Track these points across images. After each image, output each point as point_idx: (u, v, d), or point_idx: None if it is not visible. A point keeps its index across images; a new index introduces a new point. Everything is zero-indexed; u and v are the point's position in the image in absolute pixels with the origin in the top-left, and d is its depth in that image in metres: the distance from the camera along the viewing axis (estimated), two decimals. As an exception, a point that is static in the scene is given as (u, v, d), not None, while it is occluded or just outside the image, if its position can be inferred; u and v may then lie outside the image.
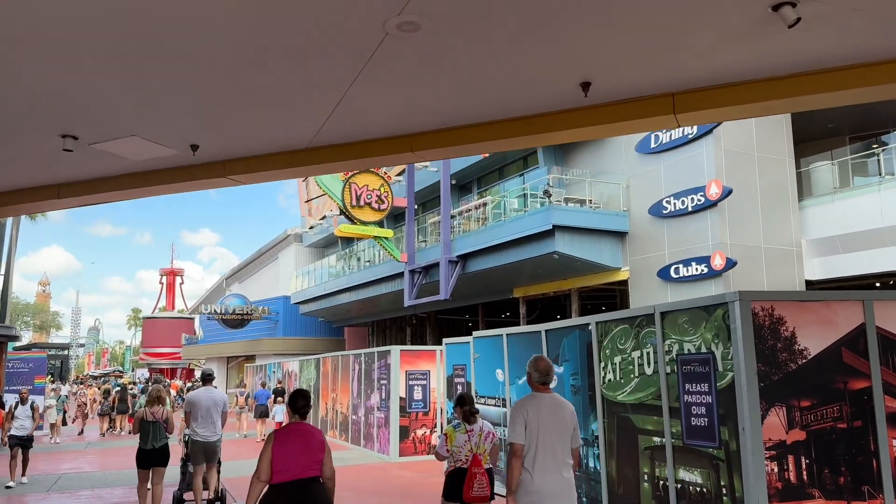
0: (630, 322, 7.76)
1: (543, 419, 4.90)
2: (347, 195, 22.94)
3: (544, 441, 4.86)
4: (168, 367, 57.96)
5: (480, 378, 11.25)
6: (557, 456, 4.89)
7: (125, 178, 7.89)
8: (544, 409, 4.95)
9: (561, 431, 4.96)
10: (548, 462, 4.84)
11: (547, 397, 5.05)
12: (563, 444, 4.96)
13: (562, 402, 5.14)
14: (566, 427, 5.01)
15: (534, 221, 18.06)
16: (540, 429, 4.87)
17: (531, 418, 4.88)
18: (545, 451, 4.85)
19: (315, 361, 22.27)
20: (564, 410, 5.06)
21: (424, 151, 6.62)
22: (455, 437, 6.39)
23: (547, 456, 4.84)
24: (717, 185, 16.01)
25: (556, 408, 5.00)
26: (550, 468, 4.84)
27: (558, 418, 4.97)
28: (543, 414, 4.91)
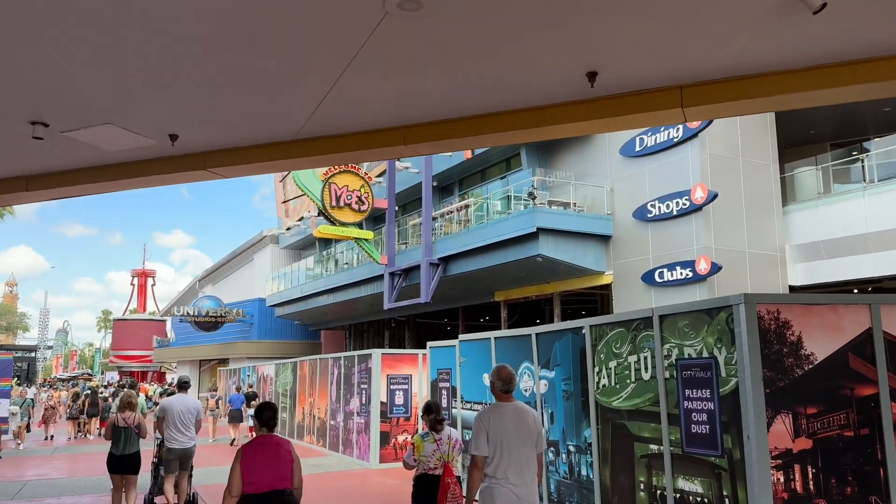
0: (626, 325, 7.51)
1: (506, 428, 4.97)
2: (327, 195, 22.54)
3: (508, 449, 4.94)
4: (139, 369, 56.85)
5: (466, 383, 10.95)
6: (521, 464, 4.96)
7: (99, 171, 7.47)
8: (507, 417, 5.02)
9: (524, 439, 5.03)
10: (511, 470, 4.91)
11: (509, 406, 5.13)
12: (526, 451, 5.02)
13: (524, 409, 5.21)
14: (530, 434, 5.07)
15: (518, 224, 17.82)
16: (503, 438, 4.94)
17: (493, 428, 4.97)
18: (509, 460, 4.93)
19: (292, 365, 21.80)
20: (527, 417, 5.11)
21: (418, 145, 6.31)
22: (423, 446, 6.38)
23: (511, 464, 4.92)
24: (702, 189, 15.90)
25: (518, 416, 5.07)
26: (513, 476, 4.91)
27: (521, 426, 5.03)
28: (506, 423, 4.99)
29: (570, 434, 8.38)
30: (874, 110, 19.12)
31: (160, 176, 7.21)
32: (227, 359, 40.69)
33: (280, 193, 38.13)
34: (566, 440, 8.46)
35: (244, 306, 39.89)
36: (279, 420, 22.70)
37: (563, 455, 8.51)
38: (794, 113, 18.27)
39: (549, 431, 8.80)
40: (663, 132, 16.94)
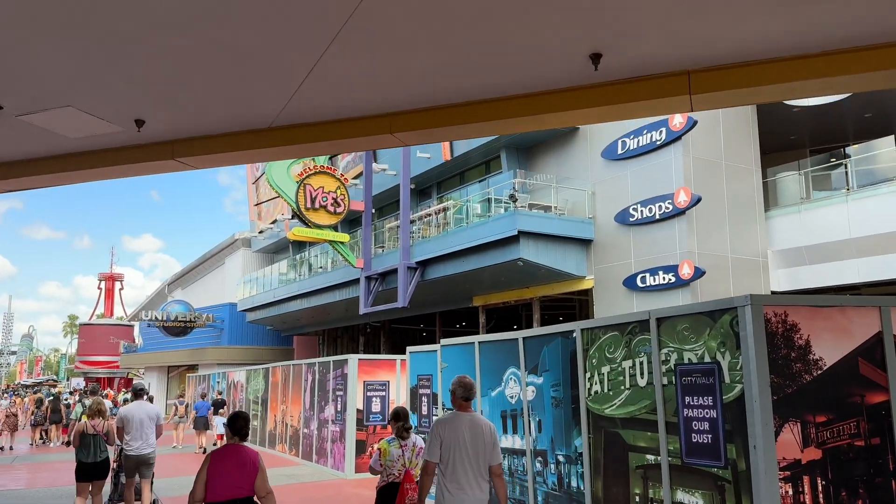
0: (621, 329, 7.15)
1: (461, 437, 5.12)
2: (302, 197, 21.97)
3: (461, 458, 5.09)
4: (105, 375, 55.37)
5: (448, 389, 10.50)
6: (474, 472, 5.11)
7: (60, 160, 6.93)
8: (462, 427, 5.18)
9: (478, 449, 5.17)
10: (464, 478, 5.06)
11: (466, 416, 5.31)
12: (479, 461, 5.16)
13: (480, 420, 5.38)
14: (484, 445, 5.21)
15: (498, 227, 17.45)
16: (457, 447, 5.10)
17: (448, 437, 5.13)
18: (462, 468, 5.07)
19: (263, 371, 21.18)
20: (482, 428, 5.27)
21: (405, 133, 5.89)
22: (389, 452, 6.54)
23: (466, 472, 5.07)
24: (685, 192, 15.68)
25: (474, 426, 5.22)
26: (465, 484, 5.05)
27: (476, 436, 5.18)
28: (461, 432, 5.14)
29: (559, 443, 7.99)
30: (855, 116, 19.12)
31: (126, 166, 6.69)
32: (196, 365, 39.72)
33: (253, 196, 37.43)
34: (555, 449, 8.06)
35: (214, 311, 38.99)
36: (250, 428, 22.02)
37: (551, 465, 8.12)
38: (774, 118, 18.22)
39: (536, 440, 8.41)
40: (646, 135, 16.71)
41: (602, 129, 18.14)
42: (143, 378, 47.06)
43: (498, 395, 9.21)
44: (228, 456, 5.22)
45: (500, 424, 9.11)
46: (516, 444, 8.78)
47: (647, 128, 16.71)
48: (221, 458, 5.20)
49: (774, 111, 17.98)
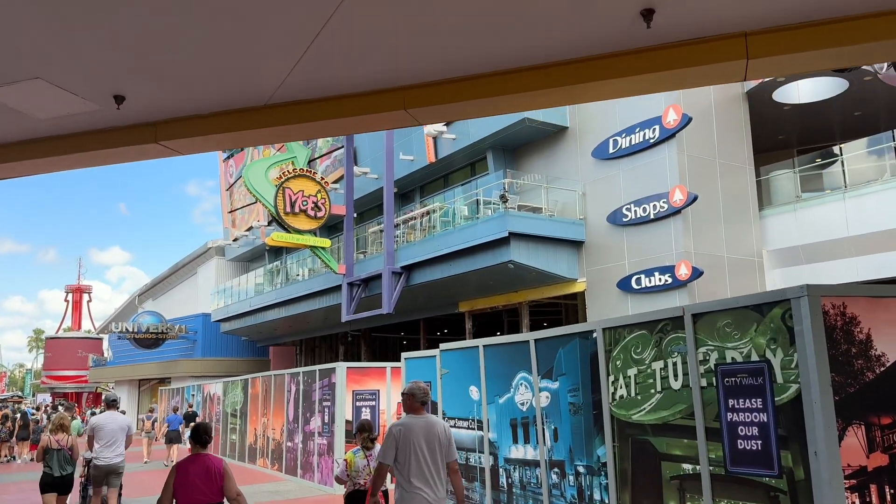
0: (649, 327, 6.57)
1: (417, 440, 5.32)
2: (281, 201, 21.22)
3: (418, 459, 5.29)
4: (73, 390, 53.65)
5: (449, 397, 9.87)
6: (431, 471, 5.32)
7: (28, 146, 6.18)
8: (416, 430, 5.36)
9: (433, 449, 5.38)
10: (422, 478, 5.26)
11: (420, 419, 5.48)
12: (435, 460, 5.37)
13: (434, 421, 5.57)
14: (439, 445, 5.42)
15: (488, 228, 16.87)
16: (413, 448, 5.29)
17: (403, 440, 5.32)
18: (419, 468, 5.27)
19: (242, 383, 20.30)
20: (437, 429, 5.48)
21: (422, 110, 5.27)
22: (355, 462, 6.92)
23: (422, 472, 5.27)
24: (681, 191, 15.25)
25: (428, 428, 5.42)
26: (424, 483, 5.26)
27: (430, 437, 5.38)
28: (416, 435, 5.33)
29: (578, 453, 7.39)
30: (844, 115, 18.91)
31: (103, 151, 5.97)
32: (168, 378, 38.50)
33: (226, 202, 36.46)
34: (574, 460, 7.45)
35: (187, 322, 37.84)
36: (228, 442, 21.15)
37: (570, 477, 7.50)
38: (763, 117, 17.90)
39: (551, 450, 7.79)
40: (638, 133, 16.28)
41: (592, 127, 17.70)
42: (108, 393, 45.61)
43: (507, 402, 8.59)
44: (193, 465, 5.44)
45: (510, 434, 8.49)
46: (528, 454, 8.16)
47: (639, 126, 16.28)
48: (187, 468, 5.42)
49: (762, 109, 17.69)
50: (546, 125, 18.25)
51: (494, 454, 8.78)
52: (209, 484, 5.37)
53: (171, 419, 20.86)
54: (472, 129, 19.58)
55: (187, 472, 5.37)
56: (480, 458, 9.04)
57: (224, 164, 36.72)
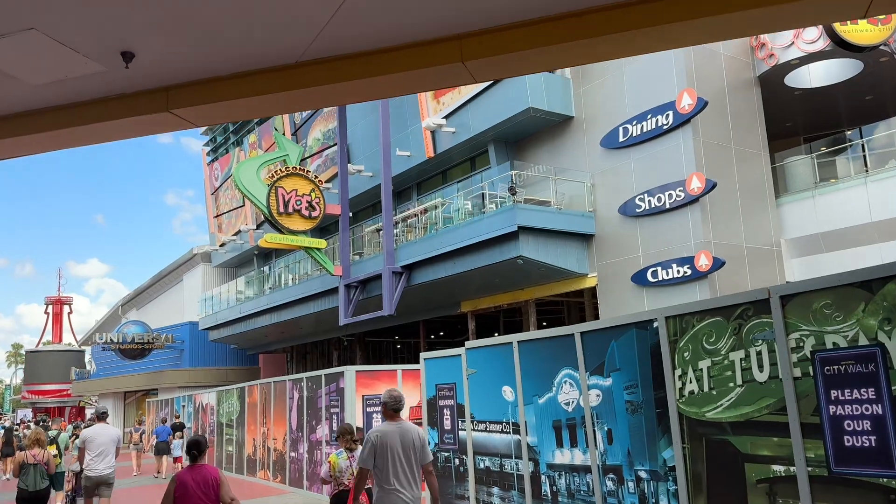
0: (725, 313, 5.87)
1: (392, 444, 5.67)
2: (273, 201, 20.35)
3: (394, 462, 5.64)
4: (55, 405, 52.16)
5: (477, 399, 9.12)
6: (406, 473, 5.68)
7: (18, 120, 5.35)
8: (392, 435, 5.72)
9: (409, 452, 5.73)
10: (398, 480, 5.62)
11: (395, 426, 5.84)
12: (410, 463, 5.73)
13: (408, 426, 5.93)
14: (413, 448, 5.77)
15: (496, 223, 16.14)
16: (390, 452, 5.65)
17: (380, 445, 5.67)
18: (396, 470, 5.63)
19: (238, 391, 19.39)
20: (411, 434, 5.83)
21: (480, 61, 4.52)
22: (338, 464, 7.34)
23: (398, 473, 5.63)
24: (698, 178, 14.62)
25: (403, 433, 5.78)
26: (400, 485, 5.62)
27: (405, 441, 5.74)
28: (391, 439, 5.69)
29: (639, 456, 6.67)
30: (853, 100, 18.43)
31: (108, 124, 5.17)
32: (155, 389, 37.36)
33: (212, 207, 35.46)
34: (633, 464, 6.73)
35: (174, 331, 36.74)
36: (224, 454, 20.22)
37: (629, 483, 6.78)
38: (769, 103, 17.33)
39: (605, 454, 7.07)
40: (650, 119, 15.65)
41: (600, 116, 17.06)
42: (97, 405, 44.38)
43: (548, 403, 7.86)
44: (191, 475, 5.80)
45: (553, 437, 7.75)
46: (577, 459, 7.43)
47: (651, 112, 15.66)
48: (185, 478, 5.78)
49: (770, 95, 17.14)
50: (551, 115, 17.58)
51: (535, 460, 8.04)
52: (207, 492, 5.75)
53: (159, 430, 20.67)
54: (473, 122, 18.87)
55: (186, 482, 5.74)
56: (518, 464, 8.30)
57: (208, 167, 35.74)
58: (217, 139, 36.02)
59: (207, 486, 5.77)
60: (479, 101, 18.55)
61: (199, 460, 5.98)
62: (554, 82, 17.58)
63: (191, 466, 5.94)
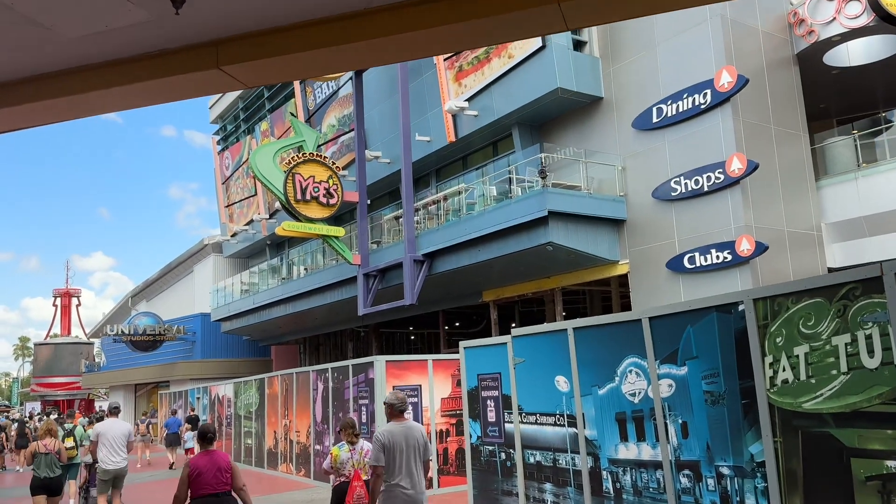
0: (827, 294, 5.32)
1: (398, 442, 5.97)
2: (290, 188, 19.80)
3: (401, 459, 5.94)
4: (64, 398, 51.85)
5: (526, 390, 8.59)
6: (412, 469, 5.98)
7: (53, 81, 4.80)
8: (398, 434, 6.01)
9: (413, 451, 6.03)
10: (404, 477, 5.90)
11: (400, 425, 6.11)
12: (416, 460, 6.03)
13: (413, 426, 6.22)
14: (418, 446, 6.08)
15: (524, 208, 15.58)
16: (397, 450, 5.94)
17: (388, 443, 5.95)
18: (401, 467, 5.92)
19: (258, 383, 18.92)
20: (415, 433, 6.14)
21: (578, 3, 3.95)
22: (340, 456, 7.45)
23: (403, 470, 5.92)
24: (739, 159, 14.03)
25: (407, 432, 6.07)
26: (405, 482, 5.90)
27: (410, 440, 6.04)
28: (397, 438, 5.98)
29: (721, 451, 6.13)
30: (891, 80, 17.77)
31: (151, 84, 4.62)
32: (167, 381, 36.97)
33: (223, 197, 34.96)
34: (713, 460, 6.20)
35: (185, 323, 36.32)
36: (243, 447, 19.77)
37: (708, 480, 6.25)
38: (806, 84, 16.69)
39: (679, 449, 6.53)
40: (686, 99, 15.04)
41: (631, 97, 16.46)
42: (108, 398, 44.01)
43: (610, 394, 7.32)
44: (204, 460, 6.16)
45: (616, 430, 7.22)
46: (644, 454, 6.90)
47: (687, 91, 15.05)
48: (198, 463, 6.14)
49: (807, 74, 16.50)
50: (580, 96, 16.98)
51: (594, 454, 7.51)
52: (218, 477, 6.08)
53: (169, 423, 21.36)
54: (497, 105, 18.27)
55: (200, 467, 6.08)
56: (574, 459, 7.77)
57: (219, 156, 35.22)
58: (227, 127, 35.48)
59: (220, 471, 6.13)
60: (504, 82, 17.94)
61: (211, 446, 6.35)
62: (582, 62, 16.98)
63: (204, 452, 6.26)
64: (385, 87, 22.54)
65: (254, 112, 32.45)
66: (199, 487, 5.99)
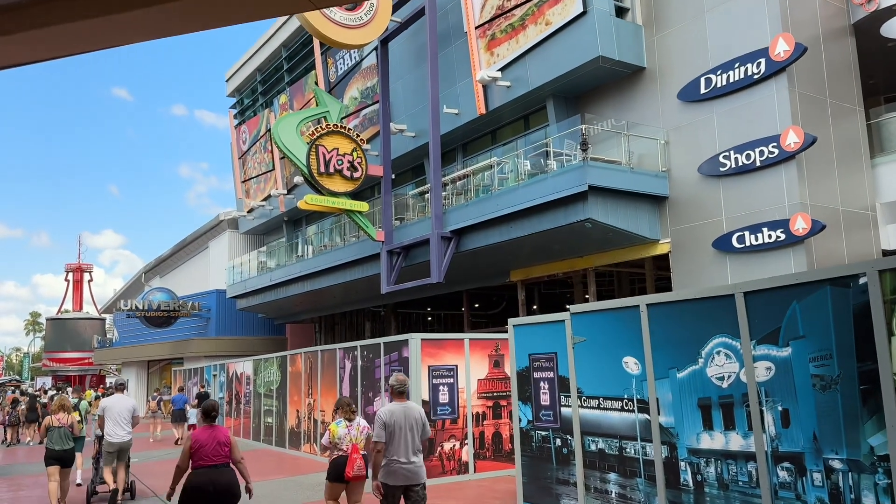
0: (980, 264, 4.59)
1: (398, 421, 6.56)
2: (314, 160, 19.08)
3: (399, 436, 6.54)
4: (76, 373, 51.65)
5: (587, 371, 7.90)
6: (409, 446, 6.58)
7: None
8: (398, 413, 6.60)
9: (411, 429, 6.62)
10: (402, 452, 6.53)
11: (401, 406, 6.70)
12: (414, 438, 6.64)
13: (412, 406, 6.80)
14: (416, 425, 6.67)
15: (563, 182, 14.82)
16: (396, 428, 6.54)
17: (388, 421, 6.54)
18: (400, 443, 6.54)
19: (279, 360, 18.32)
20: (413, 412, 6.72)
21: None
22: (337, 431, 7.81)
23: (401, 446, 6.53)
24: (796, 132, 13.21)
25: (406, 412, 6.66)
26: (403, 454, 6.53)
27: (409, 419, 6.63)
28: (397, 417, 6.57)
29: (830, 442, 5.43)
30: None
31: (225, 9, 3.86)
32: (180, 358, 36.57)
33: (239, 172, 34.30)
34: (822, 452, 5.50)
35: (200, 299, 35.83)
36: (263, 426, 19.23)
37: (813, 475, 5.55)
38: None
39: (777, 439, 5.83)
40: (738, 69, 14.19)
41: (676, 67, 15.62)
42: (120, 375, 43.72)
43: (692, 377, 6.62)
44: (204, 434, 6.55)
45: (699, 417, 6.53)
46: (733, 444, 6.20)
47: (739, 60, 14.21)
48: (199, 436, 6.54)
49: (860, 47, 15.60)
50: (621, 65, 16.14)
51: (670, 443, 6.83)
52: (217, 450, 6.50)
53: (175, 399, 21.74)
54: (531, 75, 17.45)
55: (201, 439, 6.50)
56: (645, 448, 7.09)
57: (235, 130, 34.51)
58: (244, 101, 34.72)
59: (220, 444, 6.54)
60: (540, 51, 17.11)
61: (213, 422, 6.72)
62: (625, 29, 16.13)
63: (206, 427, 6.66)
64: (410, 59, 21.74)
65: (272, 85, 31.67)
66: (200, 458, 6.44)
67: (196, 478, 6.36)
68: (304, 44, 28.73)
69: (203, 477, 6.35)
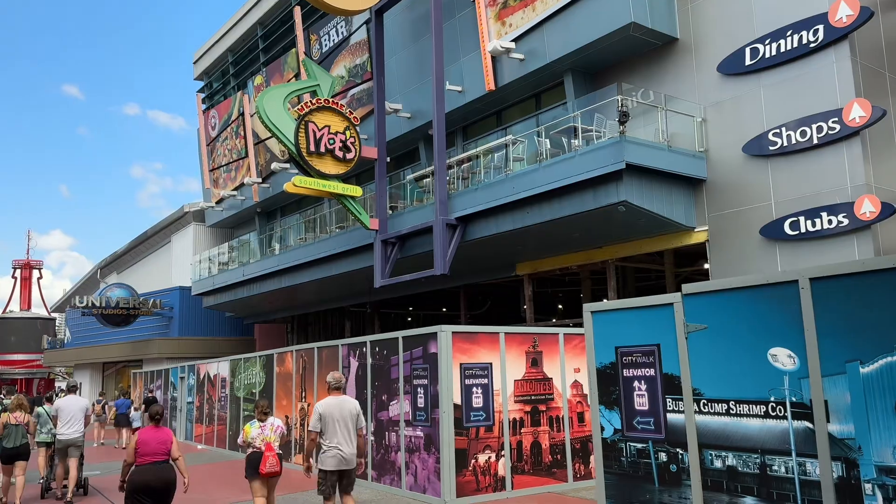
0: None
1: (333, 413, 7.69)
2: (303, 138, 17.18)
3: (335, 426, 7.65)
4: (24, 376, 48.25)
5: (708, 368, 6.24)
6: (343, 434, 7.67)
7: None
8: (333, 406, 7.74)
9: (346, 420, 7.73)
10: (337, 439, 7.62)
11: (336, 399, 7.83)
12: (348, 427, 7.71)
13: (346, 399, 7.95)
14: (350, 417, 7.77)
15: (595, 160, 13.23)
16: (331, 420, 7.66)
17: (324, 413, 7.69)
18: (336, 432, 7.64)
19: (263, 360, 16.31)
20: (348, 405, 7.85)
21: None
22: (251, 431, 8.45)
23: (338, 434, 7.63)
24: (861, 105, 11.85)
25: (342, 404, 7.80)
26: (339, 443, 7.62)
27: (343, 411, 7.75)
28: (332, 409, 7.70)
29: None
30: None
31: None
32: (139, 360, 34.01)
33: (206, 159, 32.00)
34: None
35: (162, 297, 33.38)
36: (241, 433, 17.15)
37: None
38: None
39: None
40: (791, 37, 12.82)
41: (715, 37, 14.20)
42: (72, 378, 40.75)
43: (882, 373, 5.01)
44: (148, 433, 7.40)
45: (894, 425, 4.92)
46: (960, 461, 4.60)
47: (792, 28, 12.83)
48: (144, 434, 7.39)
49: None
50: (653, 35, 14.64)
51: (846, 459, 5.21)
52: (160, 447, 7.31)
53: (118, 403, 21.97)
54: (549, 47, 15.85)
55: (147, 437, 7.33)
56: (806, 464, 5.46)
57: (203, 115, 32.20)
58: (213, 84, 32.45)
59: (162, 442, 7.33)
60: (560, 19, 15.51)
61: (160, 423, 7.50)
62: (658, -5, 14.64)
63: (150, 427, 7.43)
64: (406, 32, 19.96)
65: (246, 66, 29.53)
66: (144, 455, 7.18)
67: (140, 472, 7.15)
68: (282, 21, 26.71)
69: (148, 472, 7.15)
